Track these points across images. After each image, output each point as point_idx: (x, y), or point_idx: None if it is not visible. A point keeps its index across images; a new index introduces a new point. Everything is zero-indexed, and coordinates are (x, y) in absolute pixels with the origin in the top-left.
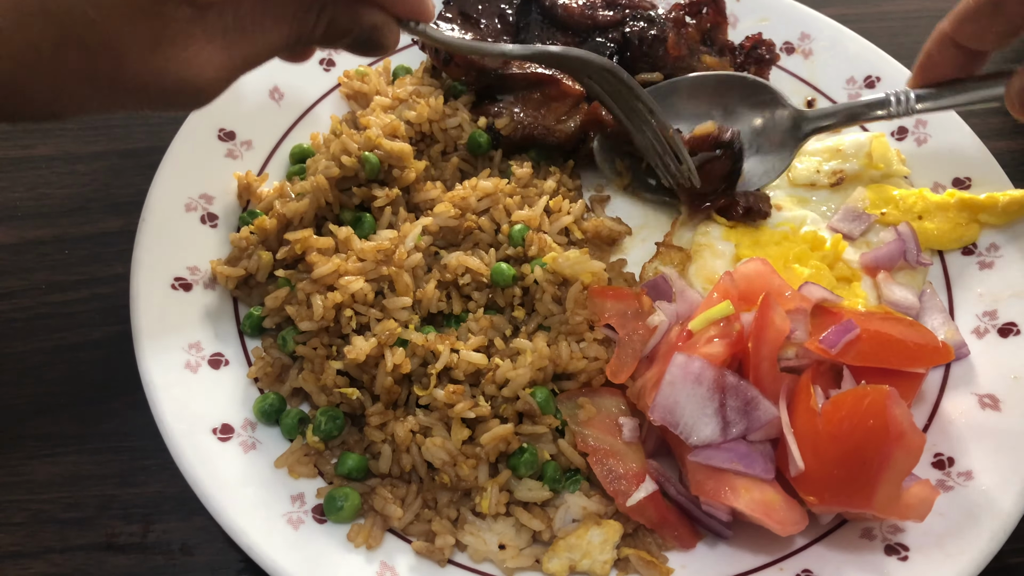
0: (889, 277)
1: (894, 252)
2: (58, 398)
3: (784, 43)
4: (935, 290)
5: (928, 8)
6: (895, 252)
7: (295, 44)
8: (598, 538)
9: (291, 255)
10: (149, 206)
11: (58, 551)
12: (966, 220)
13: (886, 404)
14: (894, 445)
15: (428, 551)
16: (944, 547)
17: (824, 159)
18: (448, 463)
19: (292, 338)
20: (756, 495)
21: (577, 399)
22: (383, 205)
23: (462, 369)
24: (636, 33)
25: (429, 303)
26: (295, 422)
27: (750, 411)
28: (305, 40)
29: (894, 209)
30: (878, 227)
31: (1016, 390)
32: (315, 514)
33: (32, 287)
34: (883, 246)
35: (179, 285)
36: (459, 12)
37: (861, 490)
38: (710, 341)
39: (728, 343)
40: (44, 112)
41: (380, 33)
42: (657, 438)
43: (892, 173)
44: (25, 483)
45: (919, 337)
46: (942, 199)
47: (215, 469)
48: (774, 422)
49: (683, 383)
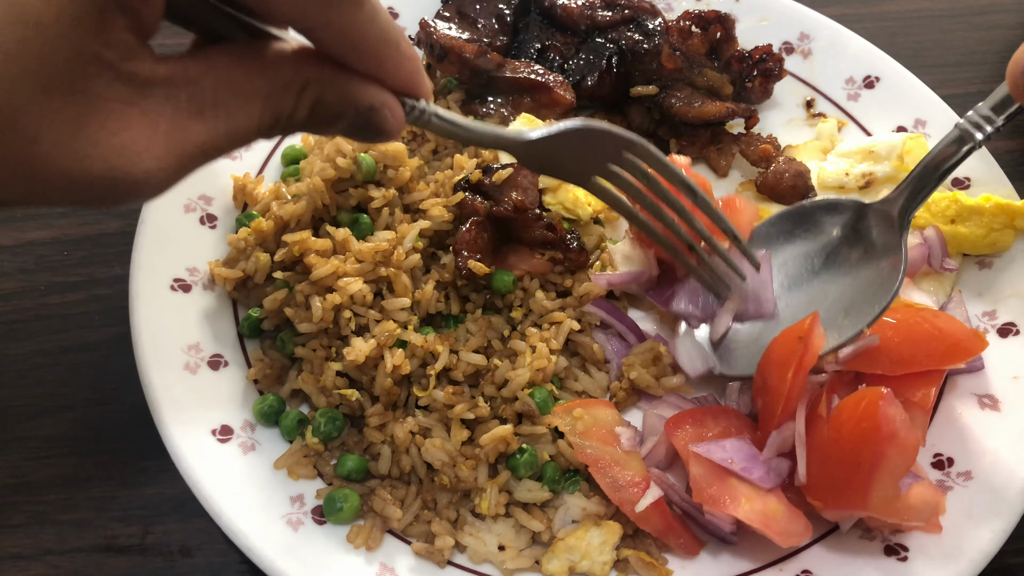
0: (910, 282)
1: (916, 258)
2: (57, 399)
3: (784, 43)
4: (963, 298)
5: (928, 8)
6: (917, 257)
7: (270, 129)
8: (597, 539)
9: (289, 257)
10: (148, 207)
11: (57, 552)
12: (1001, 225)
13: (878, 404)
14: (886, 445)
15: (428, 552)
16: (944, 547)
17: (855, 161)
18: (447, 464)
19: (291, 340)
20: (757, 505)
21: (573, 411)
22: (380, 206)
23: (461, 370)
24: (630, 45)
25: (428, 304)
26: (294, 423)
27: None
28: (284, 125)
29: (925, 212)
30: None
31: (1016, 390)
32: (315, 515)
33: (31, 288)
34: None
35: (178, 286)
36: (457, 11)
37: (857, 491)
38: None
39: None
40: None
41: (380, 116)
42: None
43: None
44: (24, 484)
45: (948, 332)
46: (976, 203)
47: (214, 471)
48: (789, 436)
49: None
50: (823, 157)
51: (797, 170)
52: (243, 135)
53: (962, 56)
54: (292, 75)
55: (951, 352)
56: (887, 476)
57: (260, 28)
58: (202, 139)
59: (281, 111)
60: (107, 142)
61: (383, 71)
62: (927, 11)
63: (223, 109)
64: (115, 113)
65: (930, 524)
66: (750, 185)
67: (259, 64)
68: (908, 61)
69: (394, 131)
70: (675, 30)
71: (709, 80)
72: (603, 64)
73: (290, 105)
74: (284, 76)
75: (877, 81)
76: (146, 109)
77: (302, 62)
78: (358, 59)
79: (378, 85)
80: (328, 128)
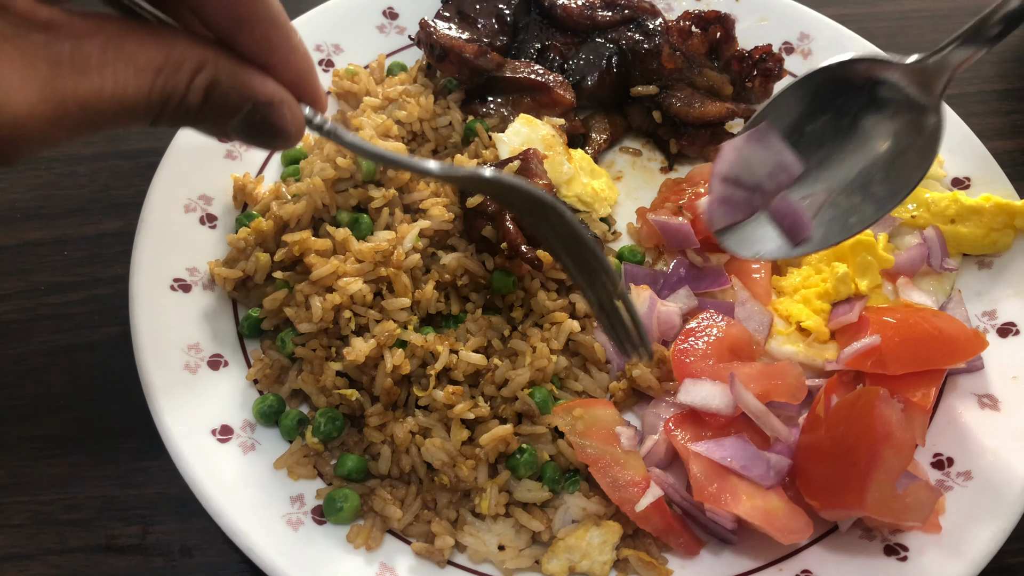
0: (909, 282)
1: (915, 258)
2: (57, 399)
3: (784, 43)
4: (963, 298)
5: (927, 8)
6: (917, 258)
7: (160, 109)
8: (597, 539)
9: (289, 257)
10: (148, 207)
11: (57, 552)
12: (1001, 225)
13: (874, 404)
14: (882, 445)
15: (428, 552)
16: (944, 547)
17: None
18: (447, 464)
19: (291, 340)
20: (758, 502)
21: (573, 411)
22: (380, 206)
23: (461, 370)
24: (630, 45)
25: (428, 304)
26: (294, 423)
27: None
28: (175, 107)
29: (925, 212)
30: (904, 230)
31: (1015, 390)
32: (314, 515)
33: (32, 288)
34: (904, 251)
35: (178, 286)
36: (457, 12)
37: (853, 491)
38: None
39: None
40: None
41: (277, 112)
42: (668, 449)
43: (928, 175)
44: (24, 484)
45: (948, 332)
46: (976, 203)
47: (214, 470)
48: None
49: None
50: None
51: None
52: (130, 105)
53: None
54: (187, 52)
55: (951, 352)
56: (883, 476)
57: (155, 13)
58: (84, 96)
59: (173, 88)
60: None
61: (273, 58)
62: (927, 11)
63: (110, 72)
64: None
65: (929, 524)
66: None
67: (154, 36)
68: None
69: (292, 133)
70: (675, 30)
71: (709, 80)
72: (603, 64)
73: (183, 83)
74: (178, 51)
75: None
76: (22, 48)
77: (198, 43)
78: (246, 38)
79: (276, 82)
80: (223, 121)
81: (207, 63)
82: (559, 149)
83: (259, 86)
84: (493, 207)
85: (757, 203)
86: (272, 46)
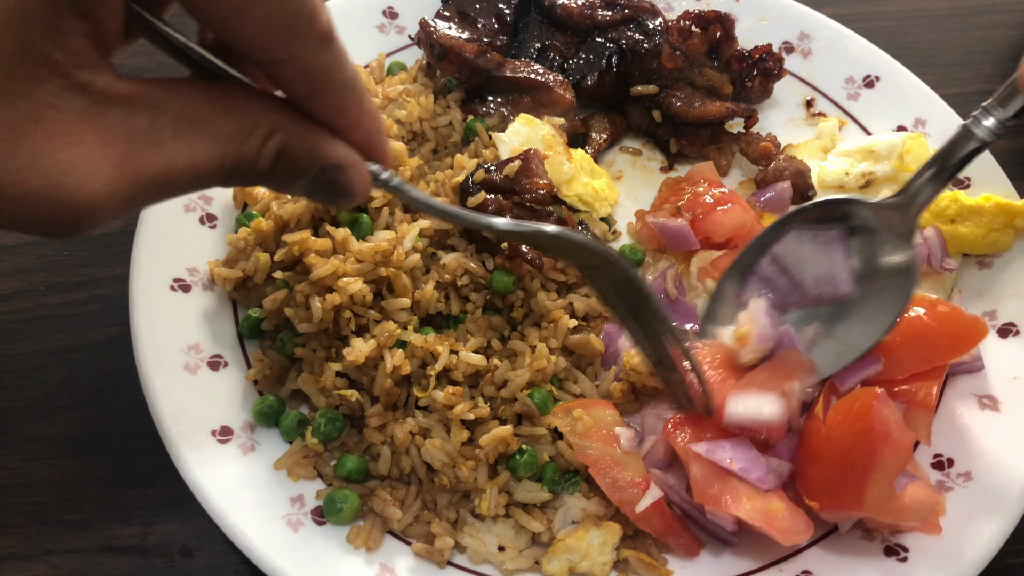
0: None
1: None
2: (57, 400)
3: (783, 43)
4: (964, 298)
5: (927, 8)
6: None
7: (230, 175)
8: (597, 540)
9: (289, 257)
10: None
11: (57, 553)
12: (1001, 225)
13: (872, 405)
14: (880, 445)
15: (427, 553)
16: (944, 548)
17: (855, 160)
18: (447, 465)
19: (291, 340)
20: (759, 504)
21: (573, 411)
22: (380, 206)
23: (461, 370)
24: (630, 45)
25: (428, 304)
26: (294, 424)
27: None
28: (245, 171)
29: (925, 212)
30: None
31: (1015, 390)
32: (314, 516)
33: (31, 288)
34: None
35: (178, 286)
36: (457, 11)
37: (852, 492)
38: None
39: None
40: None
41: (345, 175)
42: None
43: None
44: (24, 485)
45: (947, 323)
46: (977, 203)
47: (214, 471)
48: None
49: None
50: (823, 156)
51: (797, 168)
52: (201, 174)
53: (961, 56)
54: (259, 118)
55: (953, 343)
56: (882, 476)
57: (226, 70)
58: (158, 170)
59: (244, 155)
60: (52, 156)
61: (344, 122)
62: (927, 11)
63: (183, 142)
64: (64, 125)
65: (929, 525)
66: (751, 184)
67: (226, 101)
68: (908, 61)
69: (359, 195)
70: (675, 30)
71: (709, 80)
72: (603, 64)
73: (254, 150)
74: (251, 118)
75: (877, 80)
76: (101, 127)
77: (270, 107)
78: (319, 104)
79: (346, 144)
80: (290, 182)
81: (278, 128)
82: (559, 149)
83: (328, 149)
84: (493, 207)
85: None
86: (344, 109)
